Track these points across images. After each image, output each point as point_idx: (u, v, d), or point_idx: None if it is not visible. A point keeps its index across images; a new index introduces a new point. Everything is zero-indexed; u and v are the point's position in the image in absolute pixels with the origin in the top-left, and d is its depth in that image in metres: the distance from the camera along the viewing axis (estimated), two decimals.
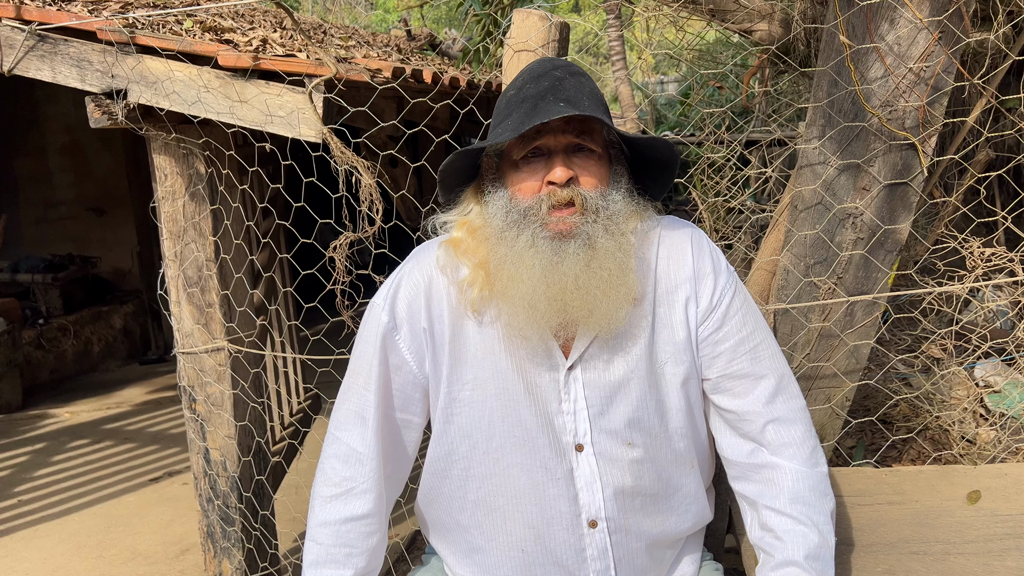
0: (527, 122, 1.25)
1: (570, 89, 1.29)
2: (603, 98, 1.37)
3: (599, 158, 1.33)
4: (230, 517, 2.50)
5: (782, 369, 1.40)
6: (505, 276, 1.29)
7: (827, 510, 1.34)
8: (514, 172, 1.33)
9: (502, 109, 1.36)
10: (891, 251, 1.76)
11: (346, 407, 1.44)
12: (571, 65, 1.37)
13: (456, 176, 1.40)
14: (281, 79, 2.01)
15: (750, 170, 2.40)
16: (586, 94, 1.30)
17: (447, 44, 5.27)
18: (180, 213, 2.34)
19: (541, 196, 1.29)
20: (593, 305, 1.27)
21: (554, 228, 1.28)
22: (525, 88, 1.32)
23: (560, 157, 1.29)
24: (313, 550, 1.44)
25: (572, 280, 1.26)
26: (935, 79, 1.62)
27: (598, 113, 1.28)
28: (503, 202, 1.32)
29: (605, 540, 1.37)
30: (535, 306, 1.27)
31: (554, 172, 1.28)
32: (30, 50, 2.22)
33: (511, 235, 1.29)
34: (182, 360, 2.46)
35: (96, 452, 4.61)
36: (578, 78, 1.33)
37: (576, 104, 1.27)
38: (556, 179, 1.27)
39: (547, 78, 1.31)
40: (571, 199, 1.28)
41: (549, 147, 1.30)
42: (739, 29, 2.61)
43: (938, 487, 1.68)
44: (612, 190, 1.33)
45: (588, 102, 1.29)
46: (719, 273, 1.39)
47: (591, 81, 1.36)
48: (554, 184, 1.28)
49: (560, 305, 1.27)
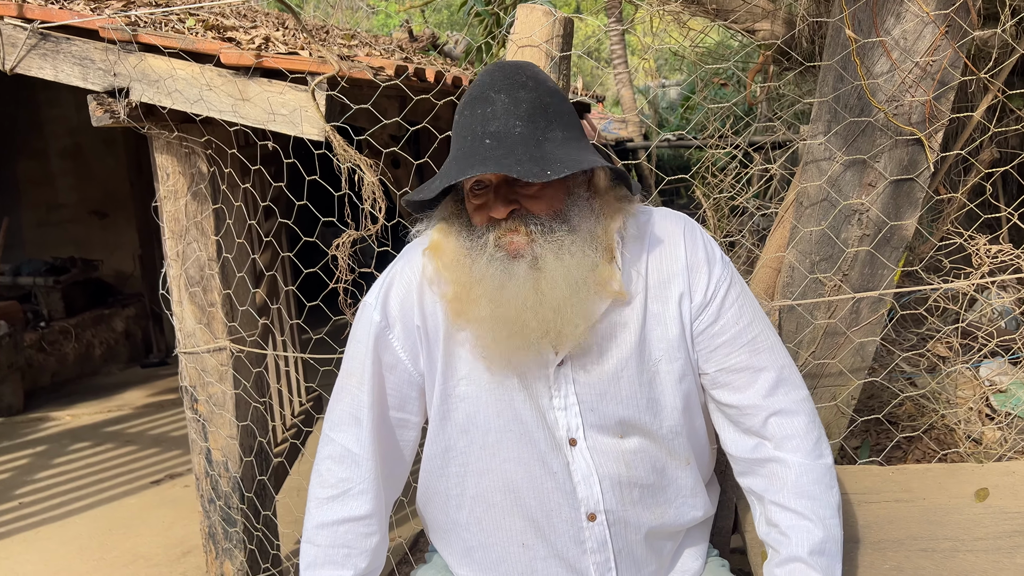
0: (452, 176, 1.22)
1: (501, 119, 1.23)
2: (552, 108, 1.27)
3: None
4: (232, 518, 2.49)
5: (782, 360, 1.38)
6: (467, 299, 1.28)
7: (833, 503, 1.33)
8: (467, 199, 1.32)
9: (453, 131, 1.32)
10: (897, 248, 1.75)
11: (340, 408, 1.43)
12: (516, 74, 1.28)
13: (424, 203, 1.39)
14: (284, 77, 2.01)
15: (754, 167, 2.39)
16: (524, 120, 1.23)
17: (449, 45, 5.27)
18: (182, 212, 2.33)
19: (488, 227, 1.27)
20: (547, 325, 1.25)
21: (505, 247, 1.26)
22: (465, 112, 1.29)
23: (501, 192, 1.25)
24: (310, 552, 1.42)
25: (521, 302, 1.24)
26: (941, 73, 1.61)
27: (528, 151, 1.20)
28: (465, 219, 1.32)
29: (604, 532, 1.36)
30: (495, 330, 1.27)
31: (495, 209, 1.25)
32: (32, 48, 2.22)
33: (474, 255, 1.28)
34: (184, 360, 2.45)
35: (97, 455, 4.60)
36: (515, 93, 1.25)
37: (503, 140, 1.21)
38: (496, 216, 1.25)
39: (483, 103, 1.26)
40: (515, 228, 1.25)
41: (489, 180, 1.26)
42: (742, 28, 2.61)
43: (946, 485, 1.66)
44: (569, 206, 1.28)
45: (522, 129, 1.22)
46: (713, 264, 1.36)
47: (537, 92, 1.26)
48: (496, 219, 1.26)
49: (517, 325, 1.25)
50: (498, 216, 1.24)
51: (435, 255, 1.35)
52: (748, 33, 2.58)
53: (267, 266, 2.88)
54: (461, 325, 1.34)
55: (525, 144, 1.22)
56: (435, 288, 1.37)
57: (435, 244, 1.36)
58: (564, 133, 1.27)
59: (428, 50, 5.25)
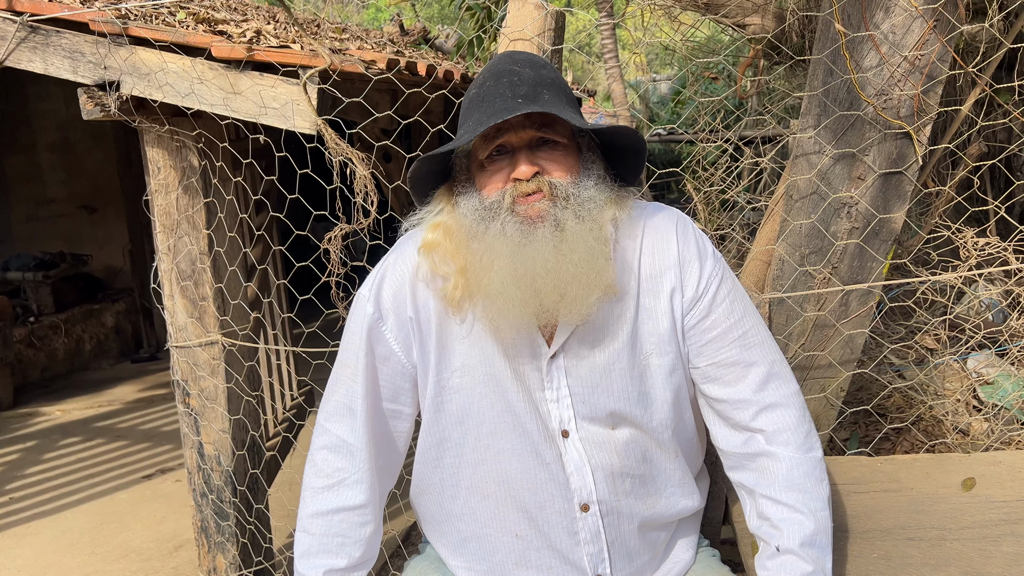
0: (485, 122, 1.25)
1: (529, 83, 1.29)
2: (567, 88, 1.37)
3: (566, 148, 1.32)
4: (224, 512, 2.49)
5: (773, 355, 1.39)
6: (479, 269, 1.29)
7: (823, 496, 1.34)
8: (480, 172, 1.33)
9: (465, 110, 1.35)
10: (886, 240, 1.77)
11: (335, 399, 1.44)
12: (534, 58, 1.37)
13: (428, 180, 1.40)
14: (275, 71, 2.00)
15: (744, 161, 2.40)
16: (546, 86, 1.30)
17: (440, 39, 5.26)
18: (173, 206, 2.32)
19: (505, 189, 1.29)
20: (564, 289, 1.26)
21: (523, 214, 1.27)
22: (485, 86, 1.32)
23: (524, 153, 1.29)
24: (304, 541, 1.43)
25: (541, 263, 1.25)
26: (930, 67, 1.62)
27: (558, 106, 1.27)
28: (473, 202, 1.32)
29: (597, 523, 1.38)
30: (506, 293, 1.27)
31: (519, 169, 1.28)
32: (22, 42, 2.20)
33: (481, 229, 1.29)
34: (175, 354, 2.45)
35: (88, 450, 4.59)
36: (539, 70, 1.32)
37: (535, 99, 1.26)
38: (520, 175, 1.27)
39: (507, 75, 1.31)
40: (538, 187, 1.28)
41: (512, 144, 1.30)
42: (732, 22, 2.62)
43: (933, 475, 1.68)
44: (584, 178, 1.32)
45: (548, 95, 1.29)
46: (705, 259, 1.38)
47: (554, 72, 1.35)
48: (519, 180, 1.28)
49: (531, 291, 1.26)
50: (523, 176, 1.27)
51: (445, 236, 1.36)
52: (738, 27, 2.60)
53: (259, 260, 2.87)
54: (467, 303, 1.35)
55: (554, 105, 1.27)
56: (429, 287, 1.38)
57: (429, 242, 1.37)
58: (579, 113, 1.33)
59: (419, 44, 5.24)
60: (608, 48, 2.42)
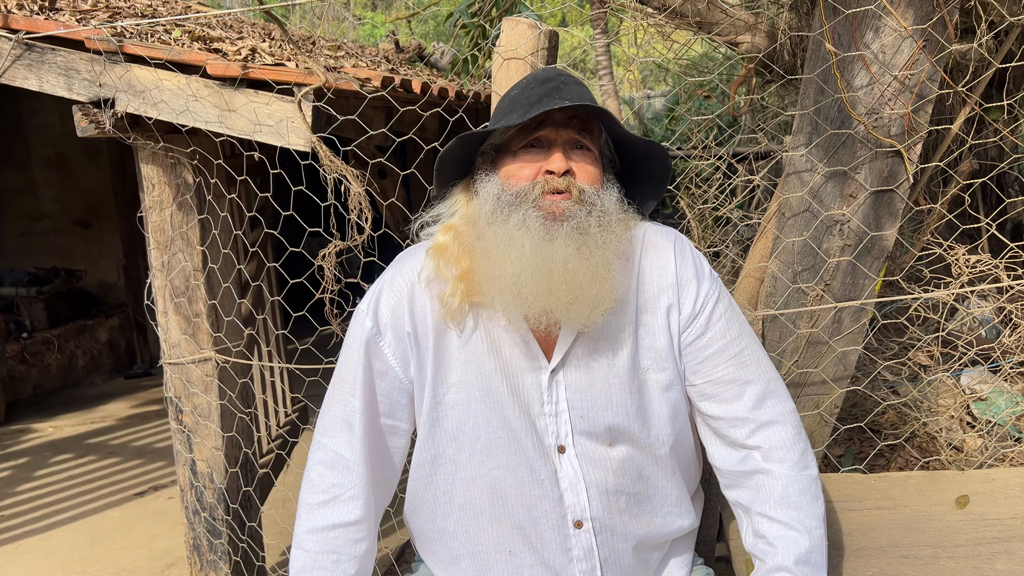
0: (534, 109, 1.27)
1: (574, 91, 1.33)
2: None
3: (595, 159, 1.36)
4: (217, 529, 2.48)
5: (768, 373, 1.40)
6: (493, 257, 1.29)
7: (818, 513, 1.35)
8: (511, 161, 1.34)
9: (504, 106, 1.38)
10: (878, 258, 1.78)
11: (332, 413, 1.44)
12: (573, 75, 1.41)
13: (452, 168, 1.41)
14: (270, 88, 2.01)
15: (737, 179, 2.42)
16: (589, 98, 1.33)
17: (435, 56, 5.29)
18: (168, 223, 2.33)
19: (537, 181, 1.31)
20: (579, 291, 1.27)
21: (547, 210, 1.28)
22: (530, 87, 1.35)
23: (560, 149, 1.32)
24: (300, 558, 1.42)
25: (561, 262, 1.26)
26: (920, 87, 1.64)
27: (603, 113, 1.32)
28: (496, 188, 1.33)
29: (591, 540, 1.37)
30: (521, 288, 1.27)
31: (552, 161, 1.30)
32: (17, 59, 2.21)
33: (502, 217, 1.29)
34: (169, 371, 2.44)
35: (80, 467, 4.55)
36: (580, 86, 1.37)
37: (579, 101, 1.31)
38: (554, 168, 1.29)
39: (552, 81, 1.35)
40: (568, 187, 1.30)
41: (550, 139, 1.33)
42: (725, 41, 2.64)
43: (927, 492, 1.68)
44: (606, 190, 1.35)
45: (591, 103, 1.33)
46: (702, 279, 1.40)
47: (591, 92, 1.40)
48: (551, 173, 1.29)
49: (547, 288, 1.26)
50: (557, 169, 1.29)
51: (455, 239, 1.36)
52: (731, 46, 2.62)
53: (253, 276, 2.87)
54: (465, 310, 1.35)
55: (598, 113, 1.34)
56: (432, 287, 1.38)
57: (439, 245, 1.38)
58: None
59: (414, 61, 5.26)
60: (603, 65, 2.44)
